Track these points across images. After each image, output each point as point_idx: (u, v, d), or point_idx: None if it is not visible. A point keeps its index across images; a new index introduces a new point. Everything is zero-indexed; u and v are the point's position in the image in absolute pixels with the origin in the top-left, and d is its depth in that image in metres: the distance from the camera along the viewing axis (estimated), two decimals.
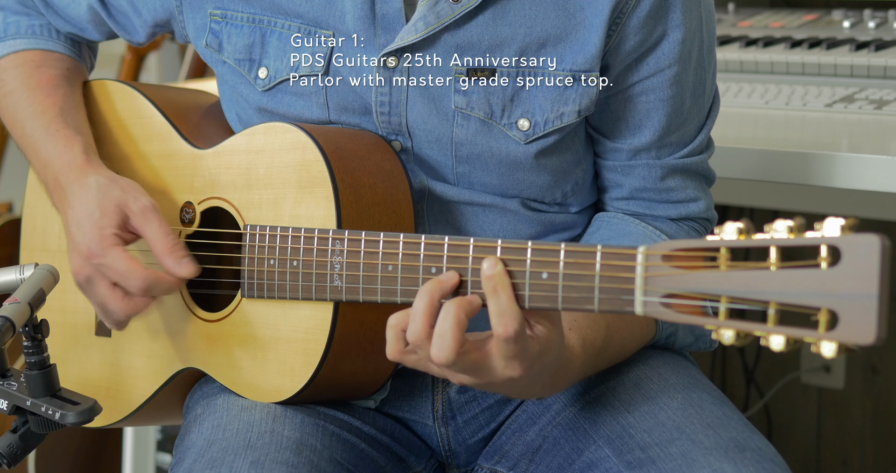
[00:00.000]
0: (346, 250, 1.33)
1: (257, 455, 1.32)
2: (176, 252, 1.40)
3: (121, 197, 1.43)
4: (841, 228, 1.02)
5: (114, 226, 1.42)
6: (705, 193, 1.53)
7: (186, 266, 1.40)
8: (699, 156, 1.50)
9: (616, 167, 1.49)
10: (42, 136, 1.52)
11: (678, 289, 1.10)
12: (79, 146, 1.50)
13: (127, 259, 1.40)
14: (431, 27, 1.39)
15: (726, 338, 1.06)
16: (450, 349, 1.19)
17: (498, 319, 1.19)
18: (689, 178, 1.50)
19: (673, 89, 1.44)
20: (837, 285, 1.01)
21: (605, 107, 1.46)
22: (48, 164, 1.50)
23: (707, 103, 1.50)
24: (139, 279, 1.39)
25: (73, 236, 1.44)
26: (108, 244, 1.41)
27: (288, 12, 1.45)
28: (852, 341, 1.01)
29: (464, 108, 1.42)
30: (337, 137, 1.41)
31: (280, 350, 1.40)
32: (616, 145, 1.48)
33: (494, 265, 1.21)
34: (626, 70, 1.43)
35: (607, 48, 1.41)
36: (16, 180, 2.74)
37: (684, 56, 1.43)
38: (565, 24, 1.40)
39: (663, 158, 1.48)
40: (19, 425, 1.32)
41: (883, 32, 2.19)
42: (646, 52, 1.42)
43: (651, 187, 1.49)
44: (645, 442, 1.33)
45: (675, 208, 1.50)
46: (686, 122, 1.48)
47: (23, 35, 1.63)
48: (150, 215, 1.42)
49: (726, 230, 1.07)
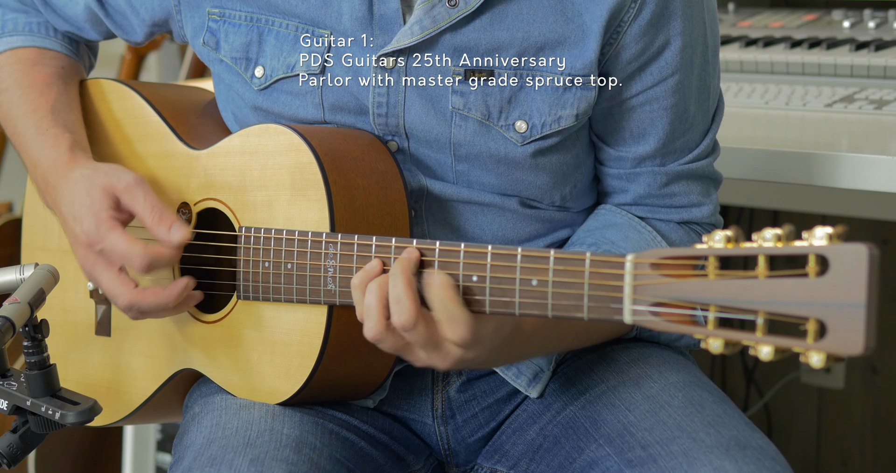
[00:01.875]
0: (339, 254, 1.33)
1: (257, 453, 1.33)
2: (164, 221, 1.40)
3: (106, 180, 1.43)
4: (829, 236, 1.01)
5: (107, 208, 1.42)
6: (710, 197, 1.52)
7: (177, 232, 1.39)
8: (704, 160, 1.49)
9: (621, 175, 1.49)
10: (32, 135, 1.52)
11: (667, 298, 1.10)
12: (65, 144, 1.50)
13: (126, 240, 1.40)
14: (428, 31, 1.39)
15: (714, 347, 1.06)
16: (409, 311, 1.22)
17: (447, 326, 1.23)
18: (693, 183, 1.49)
19: (676, 97, 1.44)
20: (825, 294, 1.01)
21: (608, 116, 1.45)
22: (37, 163, 1.51)
23: (712, 107, 1.50)
24: (139, 257, 1.38)
25: (73, 230, 1.44)
26: (107, 228, 1.41)
27: (285, 12, 1.45)
28: (840, 351, 1.00)
29: (461, 109, 1.42)
30: (331, 139, 1.41)
31: (276, 353, 1.40)
32: (620, 154, 1.47)
33: (433, 275, 1.24)
34: (629, 79, 1.43)
35: (607, 57, 1.40)
36: (16, 180, 2.75)
37: (686, 63, 1.43)
38: (563, 29, 1.39)
39: (668, 165, 1.48)
40: (19, 425, 1.33)
41: (883, 32, 2.19)
42: (647, 62, 1.42)
43: (655, 194, 1.49)
44: (646, 441, 1.33)
45: (678, 212, 1.50)
46: (691, 128, 1.47)
47: (20, 32, 1.63)
48: (136, 190, 1.42)
49: (715, 239, 1.07)
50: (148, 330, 1.52)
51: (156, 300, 1.40)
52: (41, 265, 1.37)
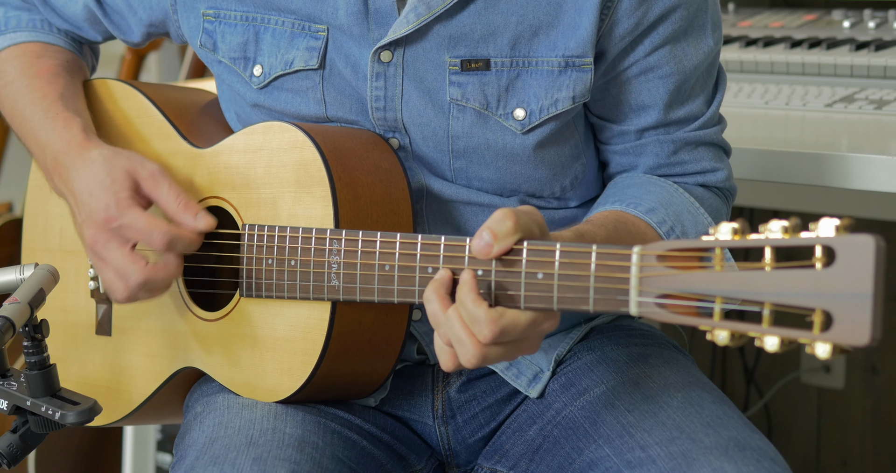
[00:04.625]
0: (343, 250, 1.33)
1: (260, 452, 1.33)
2: (190, 209, 1.41)
3: (128, 164, 1.44)
4: (836, 228, 1.01)
5: (128, 189, 1.42)
6: (724, 163, 1.51)
7: (203, 219, 1.41)
8: (712, 128, 1.49)
9: (627, 150, 1.49)
10: (41, 119, 1.52)
11: (673, 289, 1.10)
12: (78, 126, 1.50)
13: (147, 216, 1.40)
14: (423, 18, 1.39)
15: (721, 339, 1.06)
16: (473, 351, 1.19)
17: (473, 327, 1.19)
18: (703, 149, 1.49)
19: (672, 66, 1.43)
20: (832, 285, 1.01)
21: (606, 91, 1.45)
22: (47, 146, 1.50)
23: (712, 79, 1.49)
24: (162, 233, 1.39)
25: (86, 205, 1.44)
26: (126, 206, 1.41)
27: (281, 8, 1.45)
28: (847, 342, 1.00)
29: (459, 99, 1.42)
30: (335, 137, 1.41)
31: (278, 350, 1.40)
32: (622, 128, 1.47)
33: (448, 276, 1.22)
34: (623, 52, 1.43)
35: (600, 33, 1.40)
36: (16, 180, 2.75)
37: (680, 34, 1.42)
38: (557, 10, 1.39)
39: (673, 134, 1.47)
40: (19, 425, 1.33)
41: (883, 32, 2.19)
42: (642, 34, 1.41)
43: (664, 163, 1.48)
44: (645, 441, 1.33)
45: (694, 178, 1.49)
46: (691, 96, 1.47)
47: (23, 28, 1.63)
48: (160, 177, 1.43)
49: (721, 230, 1.07)
50: (149, 329, 1.52)
51: (167, 272, 1.41)
52: (41, 265, 1.37)
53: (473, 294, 1.20)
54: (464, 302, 1.20)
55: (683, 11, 1.42)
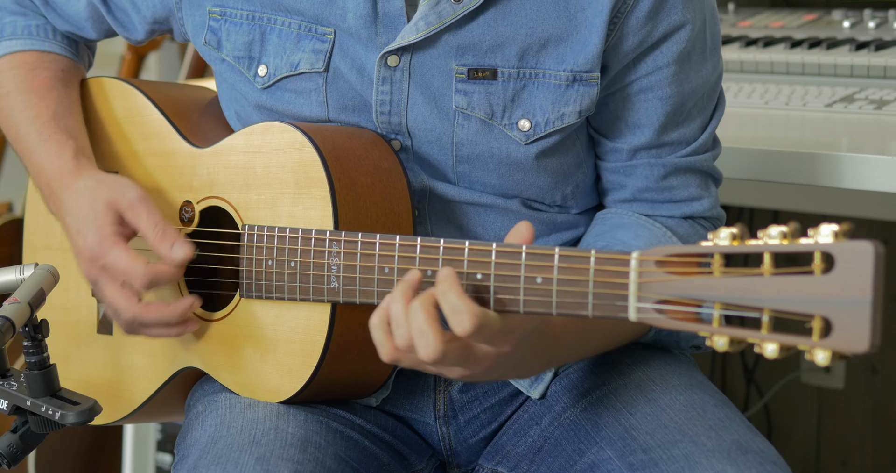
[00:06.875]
0: (342, 252, 1.33)
1: (262, 452, 1.33)
2: (167, 239, 1.40)
3: (109, 195, 1.44)
4: (834, 234, 1.01)
5: (111, 224, 1.43)
6: (709, 191, 1.51)
7: (179, 250, 1.40)
8: (703, 155, 1.49)
9: (618, 168, 1.49)
10: (35, 141, 1.52)
11: (672, 295, 1.10)
12: (69, 151, 1.50)
13: (128, 257, 1.40)
14: (432, 27, 1.39)
15: (719, 345, 1.06)
16: (434, 344, 1.18)
17: (452, 318, 1.19)
18: (691, 176, 1.49)
19: (672, 88, 1.44)
20: (831, 292, 1.00)
21: (604, 106, 1.46)
22: (41, 170, 1.51)
23: (711, 103, 1.50)
24: (140, 275, 1.39)
25: (76, 243, 1.45)
26: (110, 244, 1.41)
27: (288, 9, 1.45)
28: (846, 349, 1.00)
29: (464, 108, 1.42)
30: (334, 137, 1.41)
31: (279, 351, 1.40)
32: (616, 145, 1.48)
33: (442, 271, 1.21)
34: (626, 68, 1.43)
35: (606, 47, 1.41)
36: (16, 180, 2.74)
37: (683, 56, 1.43)
38: (566, 24, 1.40)
39: (664, 157, 1.48)
40: (19, 425, 1.33)
41: (883, 32, 2.19)
42: (645, 52, 1.42)
43: (653, 187, 1.48)
44: (647, 444, 1.33)
45: (679, 207, 1.50)
46: (687, 120, 1.47)
47: (19, 36, 1.63)
48: (139, 207, 1.42)
49: (720, 236, 1.07)
50: None
51: (158, 316, 1.42)
52: (41, 265, 1.37)
53: (458, 288, 1.19)
54: (446, 294, 1.19)
55: (688, 32, 1.42)
